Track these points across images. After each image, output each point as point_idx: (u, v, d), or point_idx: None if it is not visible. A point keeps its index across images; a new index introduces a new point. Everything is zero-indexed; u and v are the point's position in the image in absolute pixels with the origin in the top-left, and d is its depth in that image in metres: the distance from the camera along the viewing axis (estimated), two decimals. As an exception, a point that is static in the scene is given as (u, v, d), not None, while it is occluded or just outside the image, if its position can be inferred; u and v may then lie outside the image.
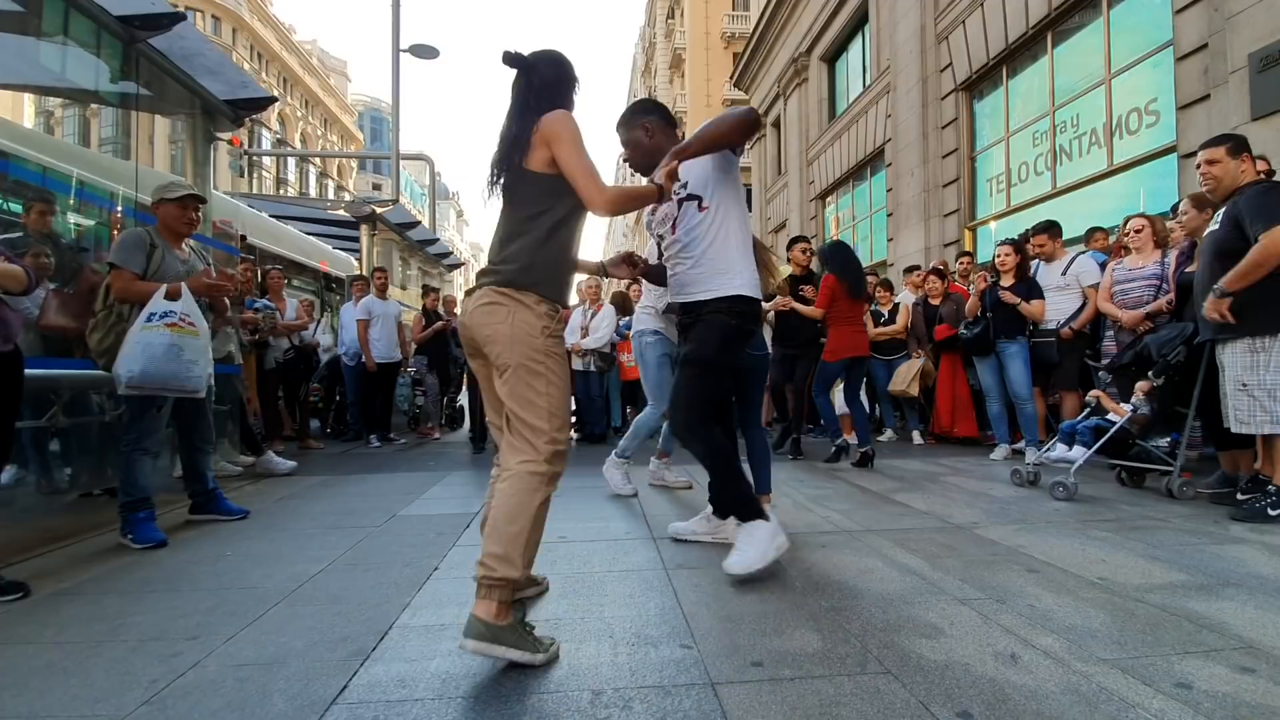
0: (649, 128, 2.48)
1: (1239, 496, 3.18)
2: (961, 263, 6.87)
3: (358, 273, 8.72)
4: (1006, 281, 4.97)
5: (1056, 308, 4.87)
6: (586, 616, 1.97)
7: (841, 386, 5.33)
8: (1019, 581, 2.21)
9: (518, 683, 1.56)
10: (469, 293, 1.89)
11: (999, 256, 5.05)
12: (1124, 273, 4.40)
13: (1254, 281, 2.88)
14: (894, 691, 1.48)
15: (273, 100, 4.93)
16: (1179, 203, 4.81)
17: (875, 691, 1.48)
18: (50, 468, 3.94)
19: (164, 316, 2.92)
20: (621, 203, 1.86)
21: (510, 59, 1.86)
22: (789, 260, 5.60)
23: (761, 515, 2.34)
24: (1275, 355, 2.90)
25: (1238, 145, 3.11)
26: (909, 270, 7.28)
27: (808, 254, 5.54)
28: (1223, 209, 3.09)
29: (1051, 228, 5.06)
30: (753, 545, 2.27)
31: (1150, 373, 3.57)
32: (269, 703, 1.48)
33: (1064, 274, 4.88)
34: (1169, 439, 3.69)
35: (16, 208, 3.86)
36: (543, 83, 1.86)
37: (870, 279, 6.31)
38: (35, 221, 3.77)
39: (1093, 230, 5.69)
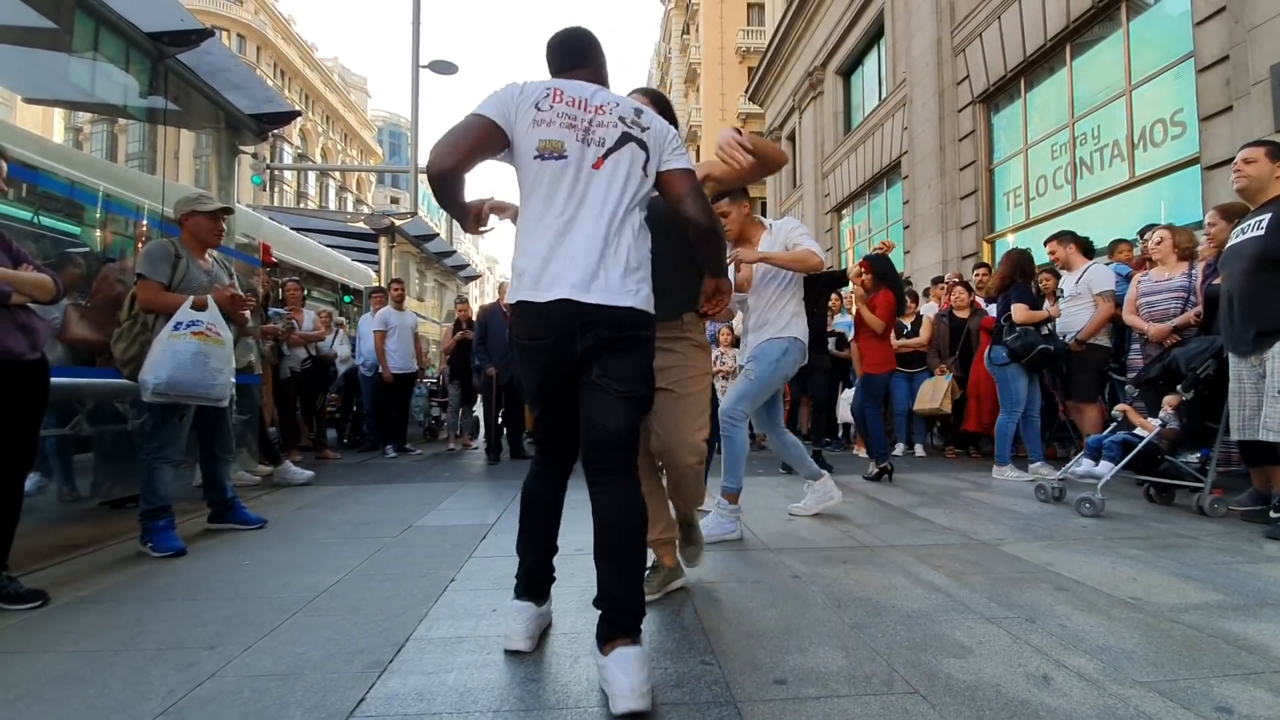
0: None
1: (1272, 514, 3.08)
2: (978, 275, 6.79)
3: (376, 284, 8.80)
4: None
5: (1072, 317, 4.81)
6: (605, 630, 1.94)
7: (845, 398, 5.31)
8: (1048, 600, 2.15)
9: (537, 697, 1.54)
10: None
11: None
12: (1150, 285, 4.30)
13: None
14: (923, 713, 1.44)
15: (296, 114, 5.01)
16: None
17: (903, 712, 1.44)
18: (72, 475, 3.98)
19: (191, 325, 2.96)
20: None
21: None
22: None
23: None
24: None
25: (1277, 150, 3.06)
26: (936, 281, 7.20)
27: None
28: (1264, 216, 3.00)
29: (1062, 235, 5.00)
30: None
31: (1179, 386, 3.49)
32: (286, 714, 1.47)
33: (1076, 282, 4.82)
34: (1199, 454, 3.60)
35: (48, 221, 3.94)
36: None
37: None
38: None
39: (1117, 242, 5.62)
